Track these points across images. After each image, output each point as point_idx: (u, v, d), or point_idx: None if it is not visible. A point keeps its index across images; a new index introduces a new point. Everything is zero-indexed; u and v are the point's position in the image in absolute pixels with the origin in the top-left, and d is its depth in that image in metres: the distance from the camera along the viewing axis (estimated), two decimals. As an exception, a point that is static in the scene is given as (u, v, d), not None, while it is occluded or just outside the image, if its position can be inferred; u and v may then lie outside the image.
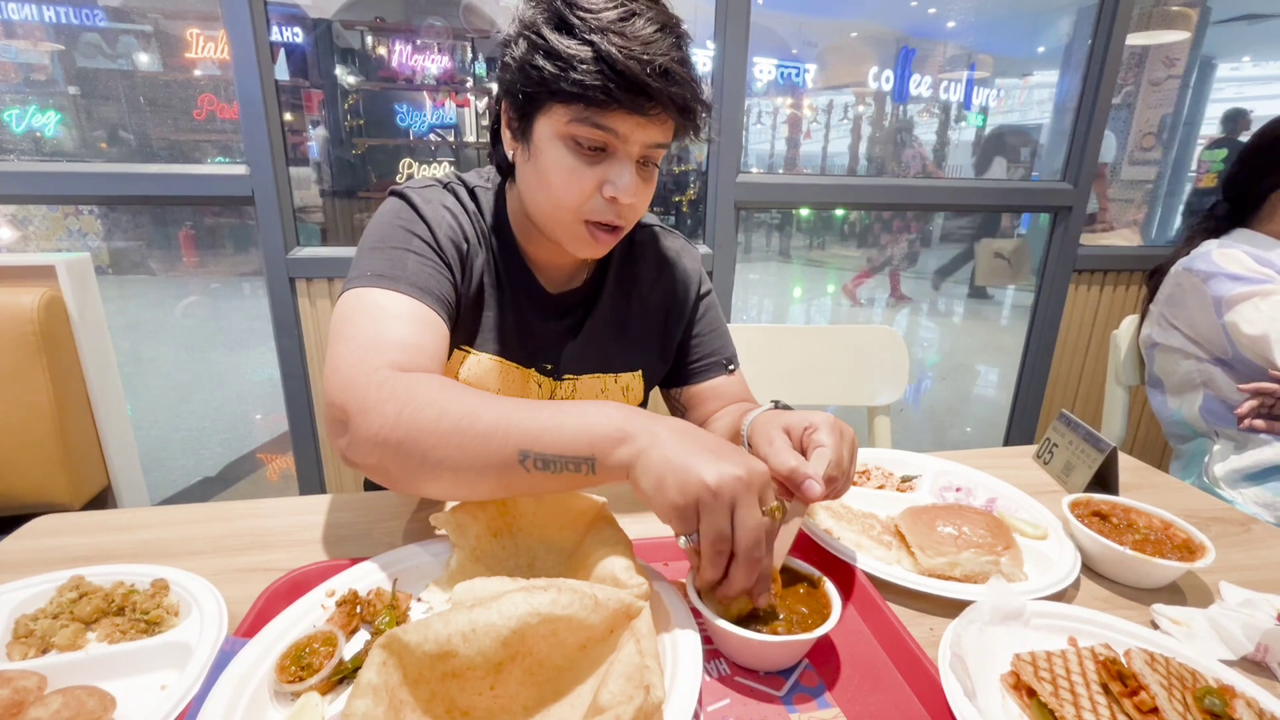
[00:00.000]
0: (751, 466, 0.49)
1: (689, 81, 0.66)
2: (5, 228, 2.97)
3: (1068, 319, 2.15)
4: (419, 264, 0.72)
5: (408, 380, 0.58)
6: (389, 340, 0.63)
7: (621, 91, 0.64)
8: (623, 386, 0.91)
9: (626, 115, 0.66)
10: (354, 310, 0.66)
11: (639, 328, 0.91)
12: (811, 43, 6.86)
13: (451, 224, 0.78)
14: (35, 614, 0.55)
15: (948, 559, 0.64)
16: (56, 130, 4.16)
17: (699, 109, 0.69)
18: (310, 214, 3.93)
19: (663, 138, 0.70)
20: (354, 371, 0.59)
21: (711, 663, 0.53)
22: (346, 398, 0.58)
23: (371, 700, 0.39)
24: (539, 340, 0.85)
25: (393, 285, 0.68)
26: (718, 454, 0.49)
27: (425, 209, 0.76)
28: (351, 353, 0.61)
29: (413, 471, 0.56)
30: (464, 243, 0.79)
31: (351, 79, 4.84)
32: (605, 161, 0.69)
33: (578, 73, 0.63)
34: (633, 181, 0.69)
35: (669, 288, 0.92)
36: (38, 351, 1.15)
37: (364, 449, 0.57)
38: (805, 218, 8.17)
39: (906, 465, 0.89)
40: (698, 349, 0.94)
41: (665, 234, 0.95)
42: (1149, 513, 0.73)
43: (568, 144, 0.68)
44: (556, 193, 0.71)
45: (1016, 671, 0.50)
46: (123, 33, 4.56)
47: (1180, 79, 4.09)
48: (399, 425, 0.55)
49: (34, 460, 1.19)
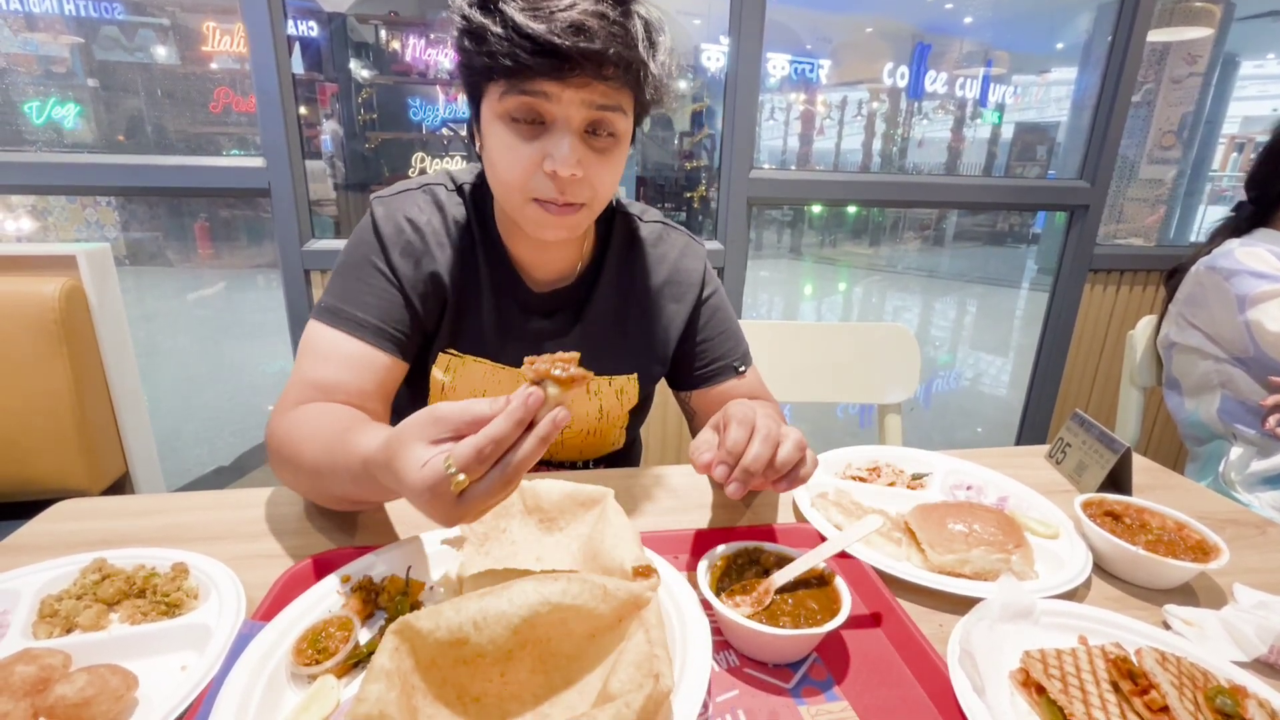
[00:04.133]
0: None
1: (613, 35, 0.62)
2: (26, 218, 3.02)
3: (1083, 319, 2.13)
4: (365, 291, 0.77)
5: (288, 421, 0.68)
6: (310, 381, 0.73)
7: (532, 55, 0.61)
8: (617, 389, 0.88)
9: (548, 81, 0.63)
10: (301, 346, 0.76)
11: (635, 330, 0.88)
12: (826, 38, 6.80)
13: (411, 236, 0.78)
14: (60, 595, 0.56)
15: (958, 556, 0.64)
16: (76, 122, 4.22)
17: (634, 63, 0.64)
18: (324, 207, 3.96)
19: (604, 99, 0.65)
20: (276, 410, 0.72)
21: (721, 654, 0.54)
22: (267, 433, 0.71)
23: (385, 685, 0.40)
24: (526, 340, 0.83)
25: (334, 321, 0.75)
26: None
27: (383, 225, 0.78)
28: (285, 391, 0.73)
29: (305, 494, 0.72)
30: (428, 251, 0.79)
31: (365, 73, 4.87)
32: (544, 135, 0.67)
33: (490, 44, 0.62)
34: (571, 152, 0.65)
35: (668, 291, 0.88)
36: (59, 340, 1.16)
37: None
38: (817, 215, 8.13)
39: (917, 463, 0.88)
40: (704, 354, 0.91)
41: (669, 231, 0.91)
42: (1162, 513, 0.72)
43: (506, 122, 0.67)
44: (501, 174, 0.70)
45: (1026, 668, 0.50)
46: (141, 26, 4.61)
47: (1202, 76, 4.02)
48: (278, 467, 0.70)
49: (54, 446, 1.21)
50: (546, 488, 0.65)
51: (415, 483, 0.46)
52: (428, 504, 0.47)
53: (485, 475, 0.46)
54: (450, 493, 0.46)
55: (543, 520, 0.65)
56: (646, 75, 0.67)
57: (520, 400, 0.46)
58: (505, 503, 0.66)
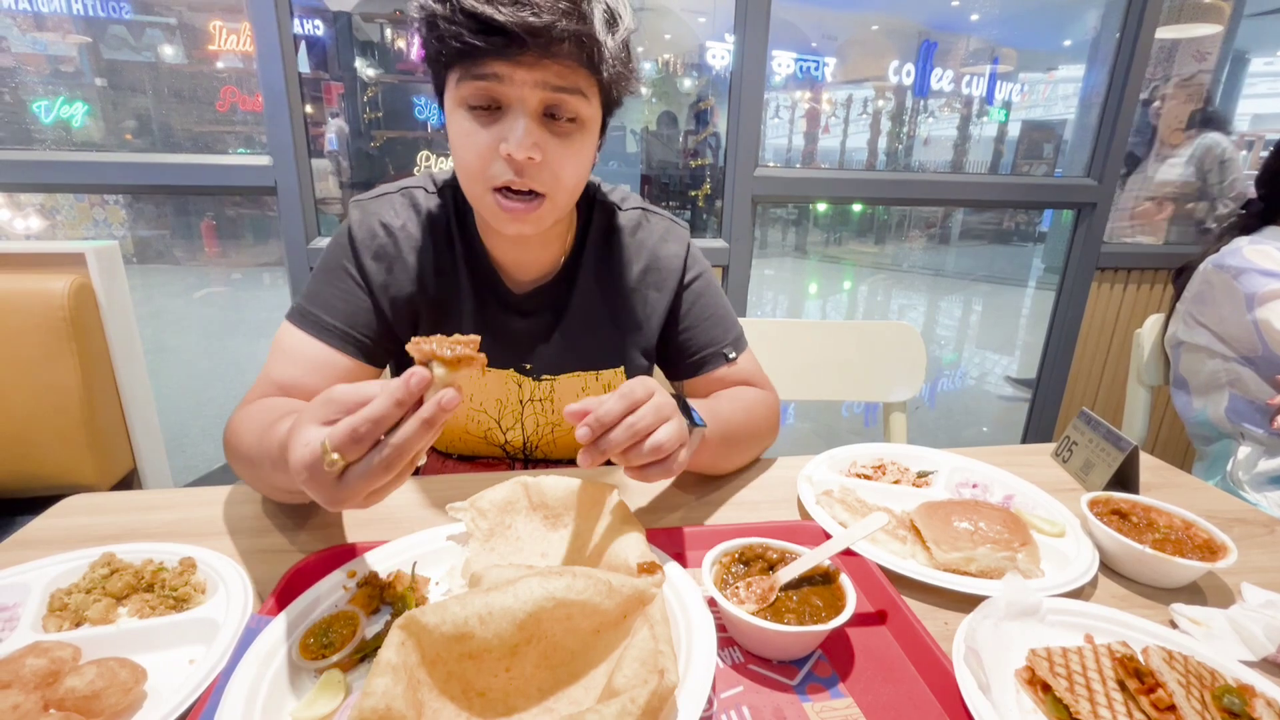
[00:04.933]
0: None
1: (560, 9, 0.60)
2: (35, 217, 3.04)
3: (1089, 317, 2.12)
4: (333, 295, 0.78)
5: (241, 414, 0.69)
6: (273, 380, 0.75)
7: (476, 35, 0.60)
8: (604, 384, 0.87)
9: (499, 62, 0.62)
10: (272, 346, 0.78)
11: (617, 321, 0.86)
12: (831, 36, 6.77)
13: (384, 241, 0.79)
14: (69, 588, 0.56)
15: (963, 554, 0.64)
16: (84, 121, 4.24)
17: (585, 38, 0.62)
18: (329, 205, 3.98)
19: (560, 80, 0.64)
20: (238, 406, 0.73)
21: (725, 650, 0.54)
22: (225, 426, 0.72)
23: (390, 679, 0.40)
24: (510, 341, 0.83)
25: (301, 323, 0.77)
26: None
27: (357, 230, 0.79)
28: (251, 388, 0.75)
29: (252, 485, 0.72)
30: (400, 255, 0.79)
31: (371, 71, 4.88)
32: (501, 120, 0.66)
33: (440, 29, 0.62)
34: (526, 134, 0.64)
35: (649, 279, 0.86)
36: (68, 337, 1.17)
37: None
38: (822, 213, 8.10)
39: (923, 460, 0.88)
40: (690, 343, 0.88)
41: (648, 217, 0.88)
42: (1170, 512, 0.72)
43: (464, 110, 0.66)
44: (461, 163, 0.69)
45: (1032, 666, 0.50)
46: (149, 25, 4.62)
47: (1211, 74, 3.99)
48: (229, 458, 0.70)
49: (63, 442, 1.22)
50: (551, 484, 0.66)
51: (294, 461, 0.46)
52: (306, 483, 0.46)
53: (364, 457, 0.45)
54: (328, 474, 0.44)
55: (548, 516, 0.65)
56: (602, 54, 0.64)
57: (402, 380, 0.45)
58: (510, 498, 0.66)
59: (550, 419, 0.89)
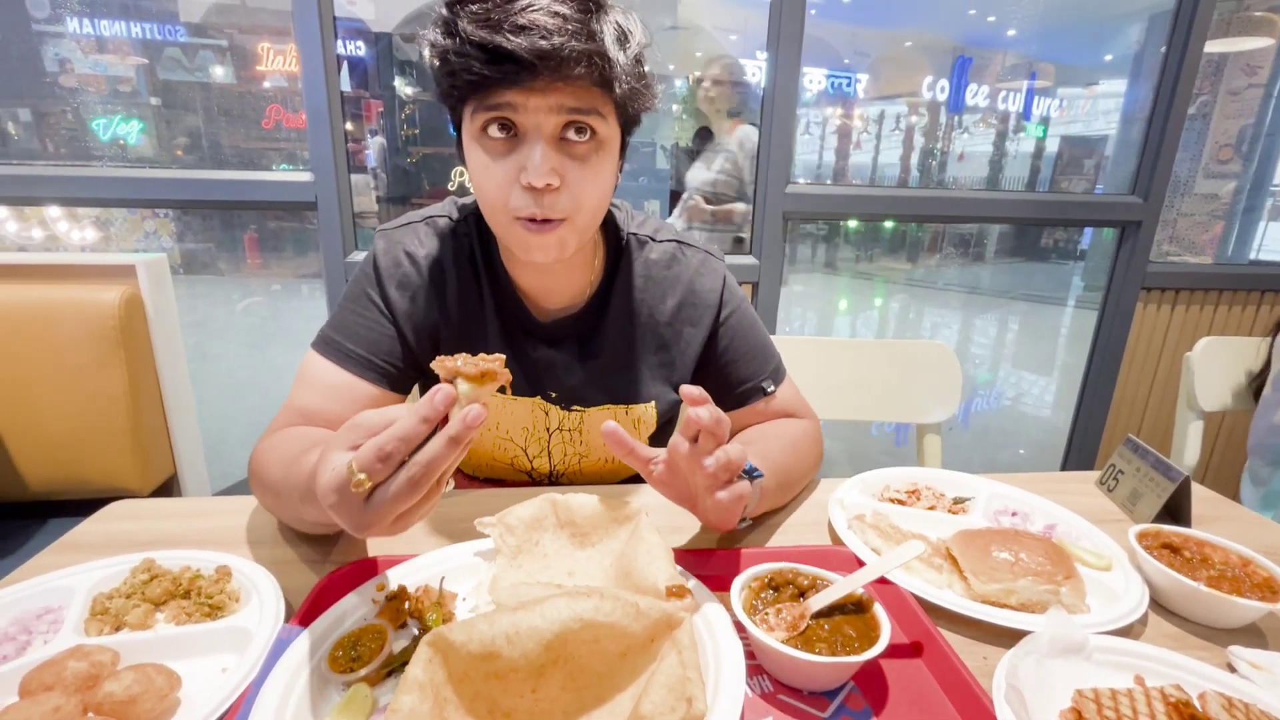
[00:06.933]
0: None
1: (569, 31, 0.60)
2: (90, 228, 3.19)
3: (1134, 339, 2.04)
4: (357, 323, 0.79)
5: (266, 443, 0.70)
6: (297, 408, 0.76)
7: (485, 64, 0.60)
8: (634, 419, 0.86)
9: (511, 90, 0.62)
10: (298, 373, 0.79)
11: (649, 357, 0.85)
12: (864, 52, 6.75)
13: (408, 270, 0.80)
14: (110, 593, 0.58)
15: (1003, 585, 0.61)
16: (139, 138, 4.44)
17: (597, 58, 0.61)
18: (366, 219, 4.09)
19: (574, 102, 0.63)
20: (264, 434, 0.74)
21: (754, 679, 0.53)
22: (250, 455, 0.72)
23: (417, 696, 0.40)
24: (535, 369, 0.83)
25: (325, 351, 0.78)
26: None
27: (382, 259, 0.80)
28: (276, 416, 0.76)
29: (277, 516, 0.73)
30: (424, 284, 0.80)
31: (409, 90, 5.02)
32: (518, 149, 0.65)
33: (452, 64, 0.62)
34: (543, 161, 0.63)
35: (684, 314, 0.85)
36: (117, 345, 1.22)
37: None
38: (853, 230, 8.02)
39: (959, 487, 0.86)
40: (729, 378, 0.87)
41: (683, 250, 0.86)
42: (1226, 547, 0.68)
43: (482, 142, 0.66)
44: (483, 195, 0.69)
45: (1078, 708, 0.48)
46: (201, 47, 4.85)
47: (1263, 88, 3.85)
48: (254, 488, 0.71)
49: (110, 448, 1.26)
50: (580, 502, 0.65)
51: (321, 486, 0.46)
52: (333, 507, 0.46)
53: (391, 477, 0.45)
54: (355, 496, 0.44)
55: (575, 535, 0.65)
56: (616, 71, 0.64)
57: (427, 398, 0.44)
58: (538, 515, 0.66)
59: (578, 449, 0.88)
